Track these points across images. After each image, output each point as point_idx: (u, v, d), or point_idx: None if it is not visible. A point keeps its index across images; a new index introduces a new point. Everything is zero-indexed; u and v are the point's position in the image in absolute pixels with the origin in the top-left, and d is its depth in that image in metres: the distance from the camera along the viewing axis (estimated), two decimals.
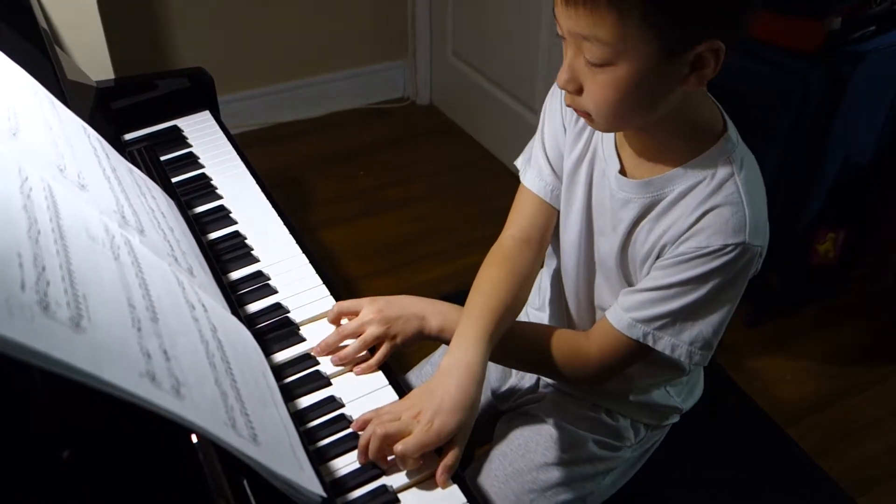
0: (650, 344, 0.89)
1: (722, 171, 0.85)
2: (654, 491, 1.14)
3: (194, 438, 0.67)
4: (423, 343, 0.98)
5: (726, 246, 0.84)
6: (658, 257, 0.89)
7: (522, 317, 1.18)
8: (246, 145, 1.33)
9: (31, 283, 0.52)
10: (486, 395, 1.17)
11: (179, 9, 2.50)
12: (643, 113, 0.83)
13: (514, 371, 1.15)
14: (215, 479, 0.66)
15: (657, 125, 0.86)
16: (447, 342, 0.93)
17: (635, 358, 0.94)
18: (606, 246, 0.96)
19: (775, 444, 1.22)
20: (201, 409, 0.59)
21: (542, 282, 1.14)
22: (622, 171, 0.92)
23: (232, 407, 0.65)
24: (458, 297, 1.51)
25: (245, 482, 0.68)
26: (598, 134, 0.96)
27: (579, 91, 0.82)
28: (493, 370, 1.17)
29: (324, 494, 0.70)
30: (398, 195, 2.54)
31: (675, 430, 1.14)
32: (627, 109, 0.82)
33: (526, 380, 1.13)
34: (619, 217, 0.92)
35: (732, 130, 0.88)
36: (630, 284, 0.96)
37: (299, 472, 0.68)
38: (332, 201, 2.51)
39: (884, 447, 1.78)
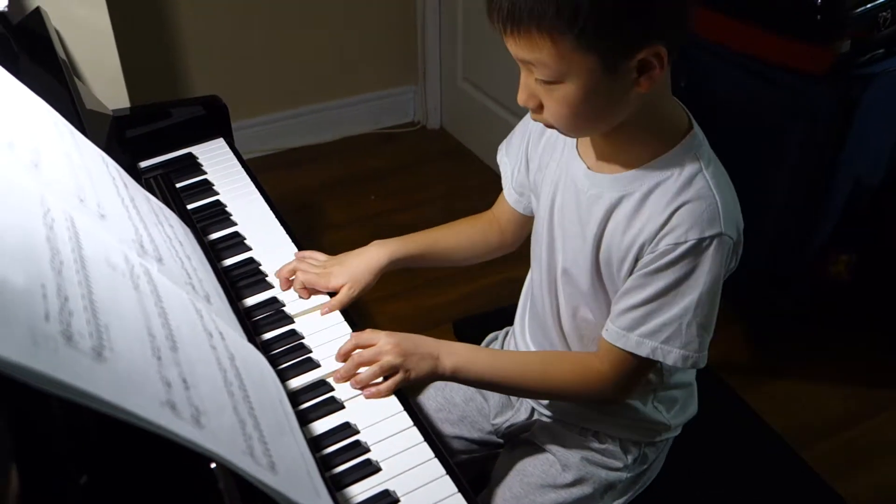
0: (660, 359, 0.90)
1: (690, 168, 0.88)
2: None
3: (213, 465, 0.67)
4: None
5: (703, 239, 0.86)
6: (637, 259, 0.90)
7: (511, 346, 1.20)
8: (258, 170, 1.34)
9: (55, 314, 0.53)
10: (486, 432, 1.18)
11: (193, 37, 2.53)
12: (603, 119, 0.87)
13: (512, 405, 1.16)
14: None
15: (621, 127, 0.89)
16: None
17: (648, 370, 0.96)
18: (575, 251, 0.97)
19: (790, 468, 1.21)
20: (220, 438, 0.60)
21: (522, 299, 1.17)
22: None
23: (250, 435, 0.65)
24: (470, 321, 1.51)
25: None
26: (559, 142, 0.99)
27: (540, 107, 0.86)
28: (493, 404, 1.17)
29: None
30: (409, 219, 2.54)
31: (684, 451, 1.14)
32: (586, 120, 0.86)
33: (521, 412, 1.14)
34: (591, 213, 0.94)
35: (698, 130, 0.91)
36: (605, 291, 0.97)
37: (316, 499, 0.68)
38: (344, 225, 2.52)
39: None
